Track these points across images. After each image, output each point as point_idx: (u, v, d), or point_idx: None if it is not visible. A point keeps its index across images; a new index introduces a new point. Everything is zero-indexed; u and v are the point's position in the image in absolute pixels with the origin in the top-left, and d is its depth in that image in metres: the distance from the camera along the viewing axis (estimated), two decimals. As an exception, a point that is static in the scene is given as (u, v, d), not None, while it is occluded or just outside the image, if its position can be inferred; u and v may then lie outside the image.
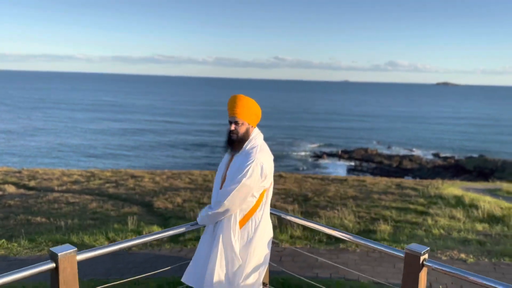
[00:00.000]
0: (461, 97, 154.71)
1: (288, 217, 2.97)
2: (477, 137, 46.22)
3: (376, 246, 2.22)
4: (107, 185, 11.25)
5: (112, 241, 5.40)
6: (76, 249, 1.79)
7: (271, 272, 3.49)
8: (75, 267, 1.76)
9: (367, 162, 34.09)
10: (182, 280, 2.60)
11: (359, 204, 7.61)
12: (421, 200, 8.23)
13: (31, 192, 10.99)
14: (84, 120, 49.39)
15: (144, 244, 5.20)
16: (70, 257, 1.75)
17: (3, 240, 5.66)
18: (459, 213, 6.44)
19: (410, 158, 34.42)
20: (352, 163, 33.61)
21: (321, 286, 3.18)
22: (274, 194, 9.02)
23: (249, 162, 2.45)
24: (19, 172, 15.39)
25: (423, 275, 1.87)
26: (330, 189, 9.80)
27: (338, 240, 5.08)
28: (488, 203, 7.23)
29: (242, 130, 2.53)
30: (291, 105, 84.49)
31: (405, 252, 1.93)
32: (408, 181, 14.14)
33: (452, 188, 10.15)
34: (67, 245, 1.82)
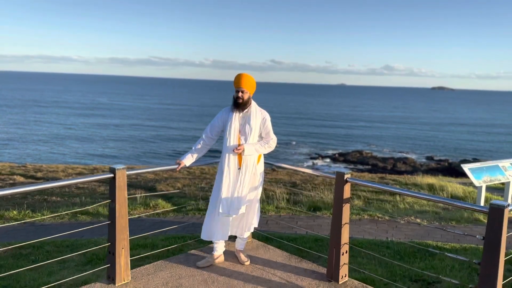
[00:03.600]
0: (456, 102, 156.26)
1: (278, 164, 3.93)
2: (472, 140, 47.12)
3: (314, 172, 3.20)
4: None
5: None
6: (126, 166, 2.74)
7: (258, 231, 4.38)
8: (125, 178, 2.77)
9: (362, 164, 35.02)
10: (220, 211, 3.53)
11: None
12: (397, 186, 9.14)
13: (41, 181, 11.82)
14: (78, 121, 50.06)
15: (151, 214, 6.08)
16: (122, 171, 2.75)
17: (28, 210, 6.53)
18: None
19: (404, 161, 35.31)
20: (347, 165, 34.53)
21: (295, 237, 4.08)
22: (265, 181, 9.94)
23: (268, 118, 3.71)
24: (24, 166, 16.18)
25: (346, 188, 2.86)
26: (318, 179, 10.70)
27: (316, 209, 5.97)
28: (455, 188, 8.13)
29: (245, 96, 3.65)
30: (287, 108, 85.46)
31: (336, 173, 2.92)
32: (393, 176, 15.06)
33: (430, 178, 11.08)
34: (121, 164, 2.77)
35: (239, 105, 3.65)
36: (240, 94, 3.66)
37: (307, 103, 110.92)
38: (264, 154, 3.81)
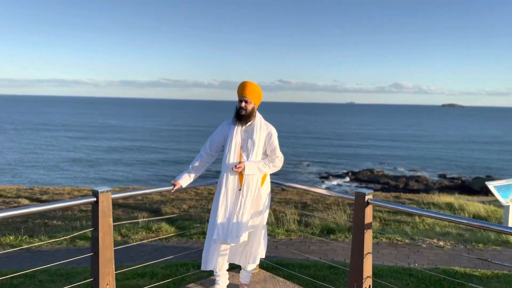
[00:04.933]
0: (467, 119, 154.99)
1: (288, 183, 3.55)
2: (484, 158, 46.33)
3: (330, 193, 2.83)
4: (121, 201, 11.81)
5: (124, 236, 5.92)
6: (111, 188, 2.38)
7: (266, 256, 3.99)
8: (110, 202, 2.38)
9: (373, 183, 34.41)
10: (214, 237, 3.11)
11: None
12: (414, 206, 8.68)
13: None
14: (87, 143, 50.15)
15: (153, 238, 5.71)
16: (107, 194, 2.38)
17: (25, 236, 6.21)
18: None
19: (417, 179, 34.64)
20: (358, 184, 33.93)
21: (308, 264, 3.68)
22: (274, 201, 9.54)
23: (274, 133, 3.27)
24: (31, 189, 15.98)
25: (368, 211, 2.45)
26: (329, 199, 10.28)
27: (329, 232, 5.57)
28: (476, 207, 7.68)
29: (249, 107, 3.23)
30: (296, 127, 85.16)
31: (355, 194, 2.51)
32: (408, 194, 14.56)
33: (447, 197, 10.60)
34: (106, 186, 2.41)
35: (242, 117, 3.23)
36: (243, 104, 3.23)
37: (316, 122, 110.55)
38: (270, 174, 3.39)
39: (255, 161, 3.19)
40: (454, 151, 50.77)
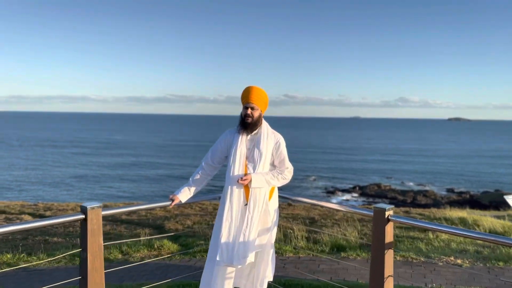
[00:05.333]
0: (473, 132, 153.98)
1: (296, 198, 3.31)
2: (492, 172, 45.82)
3: (345, 209, 2.57)
4: (124, 217, 11.58)
5: (125, 254, 5.68)
6: (101, 204, 2.15)
7: (273, 276, 3.74)
8: (100, 219, 2.15)
9: (380, 198, 34.04)
10: (218, 259, 2.83)
11: (364, 224, 7.79)
12: (427, 221, 8.37)
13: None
14: (94, 159, 50.15)
15: (155, 256, 5.47)
16: (96, 211, 2.13)
17: (23, 254, 5.98)
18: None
19: (424, 193, 34.24)
20: (366, 199, 33.55)
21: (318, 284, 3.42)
22: (281, 216, 9.27)
23: (282, 142, 3.05)
24: (35, 205, 15.82)
25: (389, 228, 2.18)
26: (337, 214, 9.98)
27: (339, 249, 5.30)
28: (491, 222, 7.38)
29: (255, 114, 2.98)
30: (302, 142, 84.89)
31: (373, 209, 2.27)
32: (417, 209, 14.22)
33: (459, 212, 10.28)
34: (94, 201, 2.18)
35: (248, 125, 2.96)
36: (249, 111, 2.96)
37: (322, 136, 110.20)
38: (278, 188, 3.10)
39: (263, 173, 2.91)
40: (461, 165, 50.25)
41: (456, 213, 9.99)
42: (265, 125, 3.04)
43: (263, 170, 2.93)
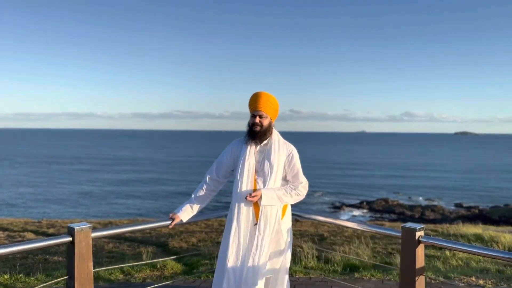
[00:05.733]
0: (480, 146, 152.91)
1: (311, 216, 3.05)
2: (501, 186, 45.29)
3: (366, 228, 2.31)
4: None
5: (126, 274, 5.43)
6: (91, 225, 1.90)
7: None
8: (89, 242, 1.88)
9: (388, 213, 33.64)
10: (224, 286, 2.49)
11: (376, 241, 7.50)
12: (440, 237, 8.05)
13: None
14: (99, 175, 50.07)
15: (158, 277, 5.22)
16: (85, 233, 1.88)
17: (21, 275, 5.74)
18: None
19: (433, 208, 33.85)
20: (373, 214, 33.17)
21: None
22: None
23: (295, 153, 2.79)
24: (39, 221, 15.62)
25: (419, 251, 1.90)
26: (347, 230, 9.68)
27: (352, 269, 5.01)
28: (509, 239, 7.06)
29: (265, 123, 2.70)
30: (308, 157, 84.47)
31: (402, 230, 1.99)
32: (429, 225, 13.88)
33: (474, 228, 9.94)
34: (83, 222, 1.94)
35: (256, 134, 2.66)
36: (257, 119, 2.67)
37: (328, 151, 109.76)
38: (291, 205, 2.79)
39: (274, 188, 2.60)
40: (469, 180, 49.70)
41: (470, 229, 9.65)
42: (276, 134, 2.75)
43: (274, 185, 2.63)
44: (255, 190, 2.57)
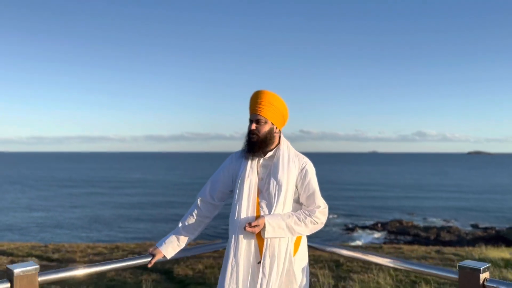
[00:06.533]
0: (494, 166, 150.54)
1: (333, 249, 2.60)
2: (517, 206, 44.25)
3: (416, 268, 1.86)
4: (130, 256, 10.92)
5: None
6: (38, 267, 1.44)
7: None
8: None
9: (402, 235, 32.87)
10: None
11: (396, 268, 6.96)
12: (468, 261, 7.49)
13: (52, 264, 10.75)
14: (110, 198, 49.91)
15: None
16: (29, 277, 1.39)
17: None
18: (510, 274, 5.74)
19: (448, 229, 33.00)
20: (387, 236, 32.41)
21: None
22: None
23: (311, 169, 2.19)
24: (45, 246, 15.29)
25: None
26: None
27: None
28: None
29: (264, 129, 2.12)
30: (318, 178, 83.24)
31: (459, 270, 1.53)
32: (449, 248, 13.24)
33: (498, 251, 9.32)
34: (30, 262, 1.48)
35: (254, 145, 2.11)
36: (253, 126, 2.13)
37: (339, 171, 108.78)
38: (306, 236, 2.20)
39: (282, 214, 2.03)
40: (484, 200, 48.68)
41: (495, 252, 9.04)
42: (285, 145, 2.19)
43: (283, 210, 2.07)
44: (257, 217, 2.02)
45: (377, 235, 32.66)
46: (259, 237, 1.99)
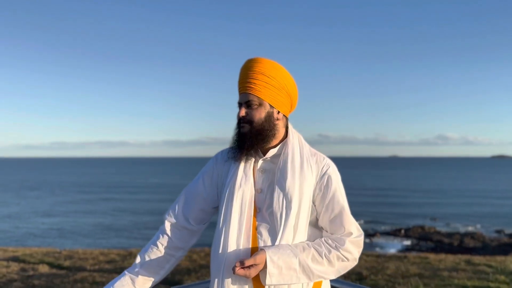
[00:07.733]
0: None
1: None
2: (545, 211, 42.77)
3: None
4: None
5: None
6: None
7: None
8: None
9: (425, 241, 32.07)
10: None
11: (426, 283, 6.33)
12: (502, 277, 6.82)
13: (61, 272, 10.44)
14: (127, 204, 50.03)
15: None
16: None
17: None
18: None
19: (472, 235, 31.94)
20: (409, 242, 31.59)
21: None
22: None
23: (334, 174, 1.47)
24: (59, 252, 15.07)
25: None
26: (388, 267, 8.49)
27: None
28: None
29: (258, 115, 1.40)
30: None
31: None
32: (478, 257, 12.43)
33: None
34: None
35: (245, 138, 1.40)
36: (242, 111, 1.42)
37: (358, 176, 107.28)
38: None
39: (293, 247, 1.31)
40: (509, 206, 47.22)
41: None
42: (295, 138, 1.46)
43: (294, 240, 1.36)
44: (254, 250, 1.32)
45: (398, 241, 31.82)
46: (257, 283, 1.29)
